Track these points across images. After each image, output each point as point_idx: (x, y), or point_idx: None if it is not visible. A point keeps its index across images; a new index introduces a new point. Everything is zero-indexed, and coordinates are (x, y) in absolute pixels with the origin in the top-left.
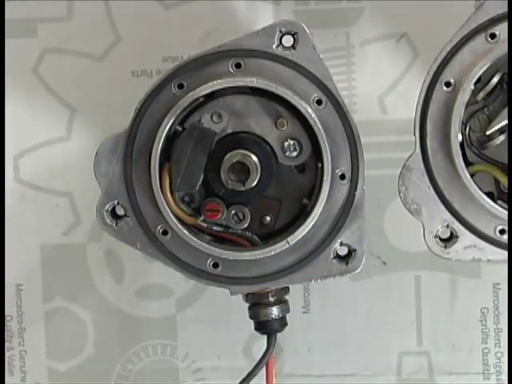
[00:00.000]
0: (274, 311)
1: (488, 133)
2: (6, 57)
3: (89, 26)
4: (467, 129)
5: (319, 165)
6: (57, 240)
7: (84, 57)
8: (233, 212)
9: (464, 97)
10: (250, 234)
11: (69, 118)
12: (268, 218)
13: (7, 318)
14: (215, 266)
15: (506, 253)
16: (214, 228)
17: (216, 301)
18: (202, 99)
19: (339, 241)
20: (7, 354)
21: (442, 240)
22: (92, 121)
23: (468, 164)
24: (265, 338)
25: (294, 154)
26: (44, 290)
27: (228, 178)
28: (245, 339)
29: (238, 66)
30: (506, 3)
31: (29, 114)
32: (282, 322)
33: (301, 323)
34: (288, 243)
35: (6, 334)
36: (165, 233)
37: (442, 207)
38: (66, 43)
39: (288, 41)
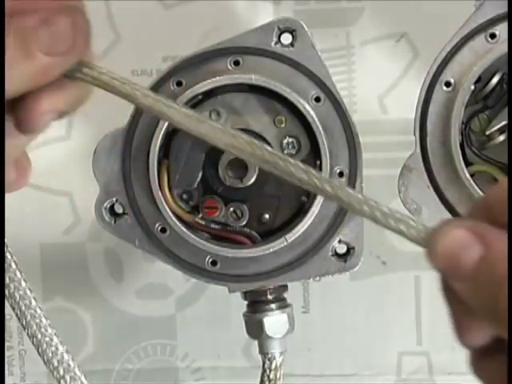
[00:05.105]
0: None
1: (488, 133)
2: None
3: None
4: (467, 129)
5: (318, 162)
6: (56, 239)
7: None
8: (231, 209)
9: (464, 97)
10: (248, 230)
11: (69, 117)
12: (267, 216)
13: (7, 318)
14: (213, 263)
15: None
16: (213, 226)
17: (216, 300)
18: (200, 97)
19: (338, 238)
20: (7, 354)
21: None
22: (92, 120)
23: (468, 164)
24: None
25: (293, 151)
26: (44, 290)
27: (226, 175)
28: (244, 339)
29: (236, 63)
30: (505, 3)
31: None
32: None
33: (301, 323)
34: (286, 240)
35: (6, 333)
36: (163, 230)
37: (442, 207)
38: None
39: (286, 38)
